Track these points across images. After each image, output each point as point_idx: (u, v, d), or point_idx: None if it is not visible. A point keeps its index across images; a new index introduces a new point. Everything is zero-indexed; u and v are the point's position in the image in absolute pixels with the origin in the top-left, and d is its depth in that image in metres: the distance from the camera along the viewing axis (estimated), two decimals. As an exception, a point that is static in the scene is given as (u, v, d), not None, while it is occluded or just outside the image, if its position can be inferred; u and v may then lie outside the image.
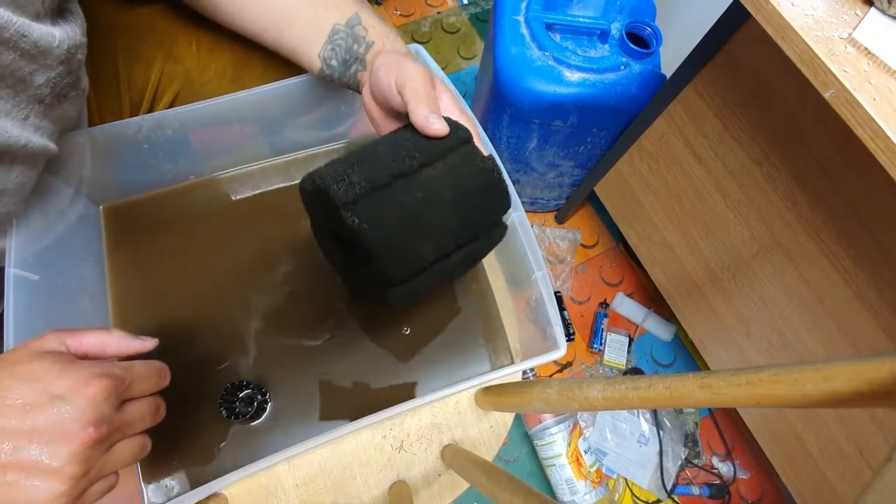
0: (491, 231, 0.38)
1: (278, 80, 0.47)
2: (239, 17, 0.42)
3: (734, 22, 0.60)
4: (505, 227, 0.39)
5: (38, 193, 0.41)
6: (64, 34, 0.31)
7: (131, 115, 0.48)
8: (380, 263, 0.32)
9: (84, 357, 0.29)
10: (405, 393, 0.48)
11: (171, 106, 0.49)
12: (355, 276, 0.39)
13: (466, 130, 0.35)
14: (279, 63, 0.46)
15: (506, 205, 0.37)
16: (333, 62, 0.42)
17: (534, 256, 0.43)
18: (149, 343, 0.33)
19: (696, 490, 0.98)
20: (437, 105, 0.36)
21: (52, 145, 0.35)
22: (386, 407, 0.37)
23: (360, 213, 0.31)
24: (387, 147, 0.33)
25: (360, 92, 0.43)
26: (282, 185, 0.55)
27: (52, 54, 0.30)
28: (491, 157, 0.35)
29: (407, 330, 0.50)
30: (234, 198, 0.54)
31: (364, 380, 0.48)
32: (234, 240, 0.52)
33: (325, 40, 0.41)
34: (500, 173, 0.35)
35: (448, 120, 0.35)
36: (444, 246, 0.34)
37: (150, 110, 0.49)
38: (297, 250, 0.52)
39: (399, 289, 0.35)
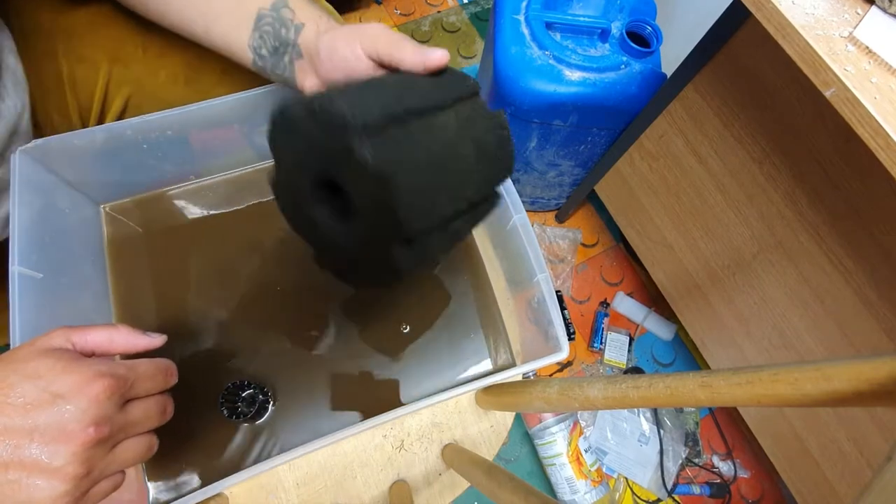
0: (493, 197, 0.35)
1: (238, 81, 0.46)
2: (167, 13, 0.40)
3: (735, 21, 0.60)
4: (499, 197, 0.36)
5: (39, 193, 0.41)
6: None
7: (81, 119, 0.47)
8: (400, 209, 0.27)
9: (91, 354, 0.29)
10: (406, 392, 0.49)
11: (123, 111, 0.48)
12: (342, 247, 0.32)
13: (476, 82, 0.32)
14: (235, 66, 0.43)
15: (510, 168, 0.34)
16: (264, 51, 0.39)
17: (535, 258, 0.42)
18: (157, 340, 0.32)
19: (696, 489, 0.98)
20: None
21: None
22: (387, 405, 0.37)
23: (383, 144, 0.26)
24: (396, 81, 0.29)
25: (296, 87, 0.40)
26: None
27: None
28: (501, 113, 0.32)
29: (406, 328, 0.50)
30: (233, 198, 0.54)
31: (365, 379, 0.48)
32: (235, 239, 0.52)
33: (252, 28, 0.38)
34: (510, 132, 0.32)
35: (453, 69, 0.32)
36: (459, 202, 0.30)
37: (102, 115, 0.48)
38: (298, 249, 0.52)
39: (412, 249, 0.30)
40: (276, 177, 0.33)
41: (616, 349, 1.06)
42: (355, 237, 0.31)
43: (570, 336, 1.08)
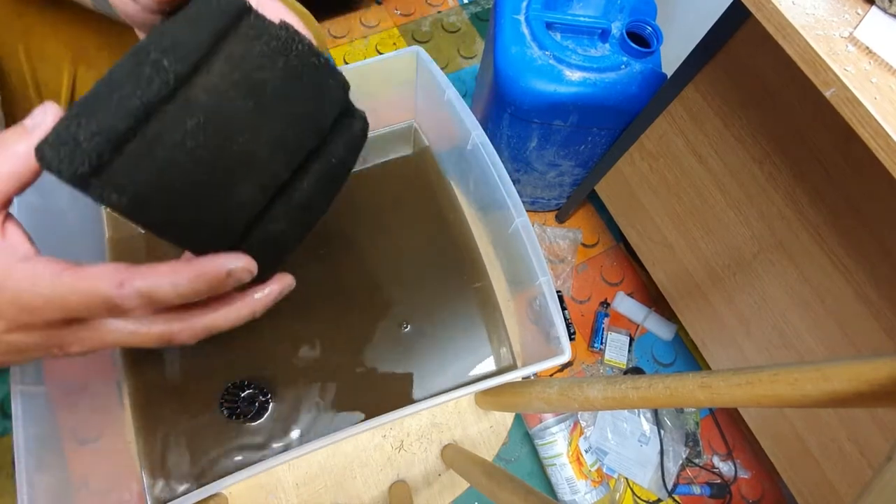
0: (339, 128, 0.27)
1: None
2: None
3: (735, 21, 0.60)
4: (361, 118, 0.28)
5: (39, 193, 0.41)
6: None
7: None
8: (173, 237, 0.23)
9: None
10: (407, 392, 0.48)
11: None
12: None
13: None
14: None
15: (338, 85, 0.26)
16: None
17: (537, 261, 0.42)
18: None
19: (696, 489, 0.98)
20: None
21: None
22: (387, 405, 0.37)
23: (109, 183, 0.21)
24: (123, 70, 0.21)
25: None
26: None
27: None
28: (285, 25, 0.24)
29: (407, 328, 0.50)
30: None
31: (365, 379, 0.48)
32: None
33: None
34: (305, 44, 0.24)
35: None
36: (267, 179, 0.24)
37: None
38: (299, 248, 0.52)
39: (250, 251, 0.24)
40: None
41: (616, 349, 1.06)
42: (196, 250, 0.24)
43: (571, 336, 1.08)
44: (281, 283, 0.27)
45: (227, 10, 0.22)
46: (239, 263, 0.23)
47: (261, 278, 0.26)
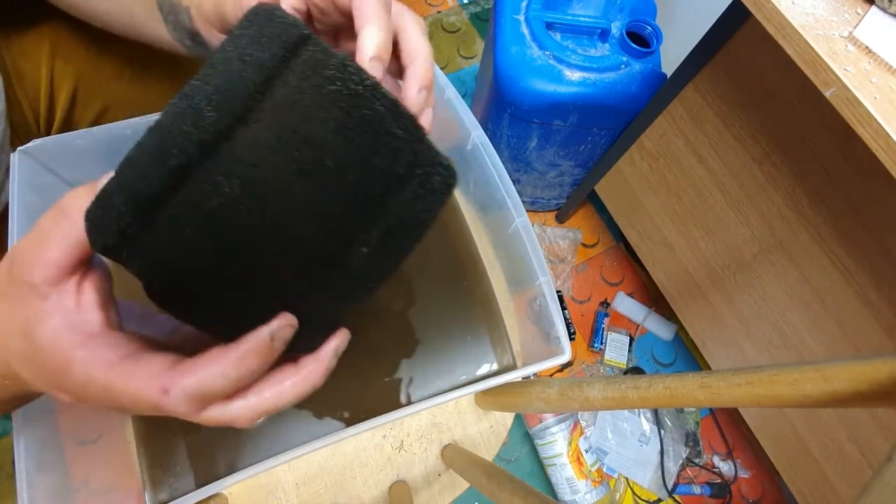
0: (411, 183, 0.21)
1: (190, 76, 0.45)
2: (95, 16, 0.39)
3: (735, 21, 0.60)
4: (443, 169, 0.22)
5: (39, 193, 0.41)
6: None
7: (32, 111, 0.48)
8: (203, 325, 0.21)
9: None
10: (406, 392, 0.48)
11: (72, 104, 0.47)
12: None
13: (295, 22, 0.20)
14: (190, 60, 0.38)
15: (412, 137, 0.21)
16: (187, 41, 0.34)
17: (537, 261, 0.42)
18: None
19: (697, 489, 0.98)
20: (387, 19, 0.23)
21: None
22: (387, 406, 0.37)
23: (142, 257, 0.19)
24: (170, 118, 0.18)
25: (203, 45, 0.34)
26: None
27: None
28: (346, 63, 0.19)
29: (406, 327, 0.50)
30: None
31: (365, 379, 0.48)
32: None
33: (163, 20, 0.35)
34: (369, 85, 0.20)
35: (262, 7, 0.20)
36: (313, 258, 0.20)
37: (51, 107, 0.48)
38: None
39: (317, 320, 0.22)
40: None
41: (616, 349, 1.06)
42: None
43: (571, 336, 1.08)
44: (338, 340, 0.24)
45: (285, 38, 0.19)
46: (275, 324, 0.21)
47: (309, 347, 0.23)
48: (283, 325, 0.21)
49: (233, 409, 0.21)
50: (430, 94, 0.24)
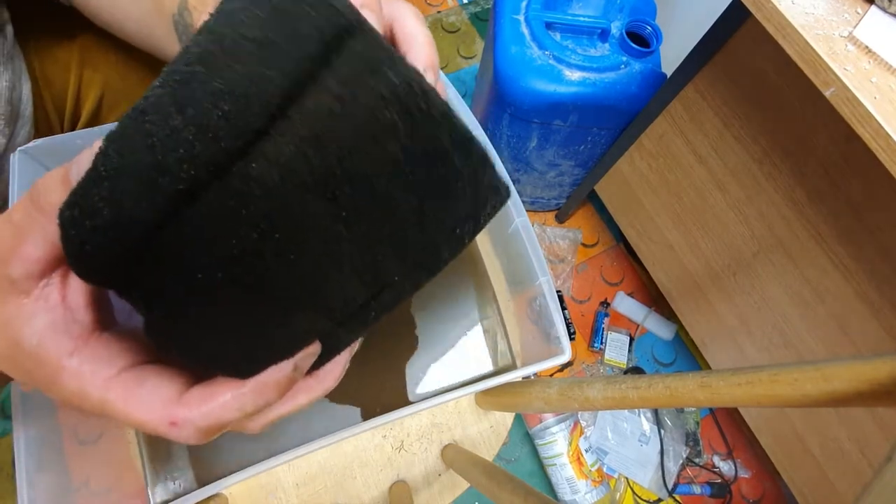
0: (470, 232, 0.18)
1: None
2: (115, 26, 0.40)
3: (734, 20, 0.60)
4: (505, 190, 0.18)
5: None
6: None
7: (57, 112, 0.49)
8: (211, 364, 0.18)
9: None
10: (406, 392, 0.48)
11: (98, 109, 0.49)
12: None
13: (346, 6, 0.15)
14: None
15: (486, 183, 0.17)
16: None
17: (537, 261, 0.42)
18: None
19: (697, 489, 0.98)
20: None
21: None
22: (388, 406, 0.37)
23: (143, 292, 0.16)
24: (164, 118, 0.15)
25: None
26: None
27: None
28: (421, 79, 0.15)
29: (406, 327, 0.50)
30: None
31: (364, 379, 0.48)
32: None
33: (177, 39, 0.35)
34: (439, 110, 0.15)
35: None
36: (339, 306, 0.18)
37: (77, 110, 0.49)
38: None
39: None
40: None
41: (616, 349, 1.06)
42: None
43: (571, 336, 1.08)
44: (350, 352, 0.23)
45: (327, 26, 0.14)
46: (300, 356, 0.19)
47: (322, 362, 0.22)
48: (306, 355, 0.19)
49: (243, 422, 0.20)
50: (436, 74, 0.22)
